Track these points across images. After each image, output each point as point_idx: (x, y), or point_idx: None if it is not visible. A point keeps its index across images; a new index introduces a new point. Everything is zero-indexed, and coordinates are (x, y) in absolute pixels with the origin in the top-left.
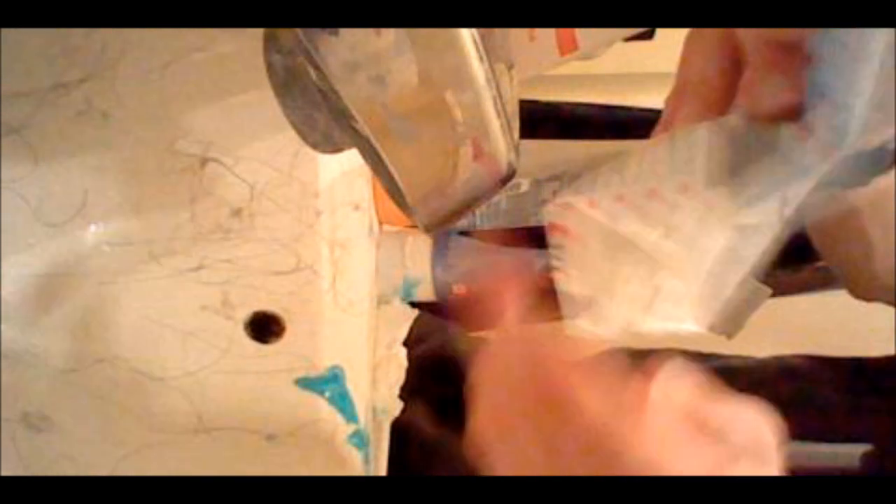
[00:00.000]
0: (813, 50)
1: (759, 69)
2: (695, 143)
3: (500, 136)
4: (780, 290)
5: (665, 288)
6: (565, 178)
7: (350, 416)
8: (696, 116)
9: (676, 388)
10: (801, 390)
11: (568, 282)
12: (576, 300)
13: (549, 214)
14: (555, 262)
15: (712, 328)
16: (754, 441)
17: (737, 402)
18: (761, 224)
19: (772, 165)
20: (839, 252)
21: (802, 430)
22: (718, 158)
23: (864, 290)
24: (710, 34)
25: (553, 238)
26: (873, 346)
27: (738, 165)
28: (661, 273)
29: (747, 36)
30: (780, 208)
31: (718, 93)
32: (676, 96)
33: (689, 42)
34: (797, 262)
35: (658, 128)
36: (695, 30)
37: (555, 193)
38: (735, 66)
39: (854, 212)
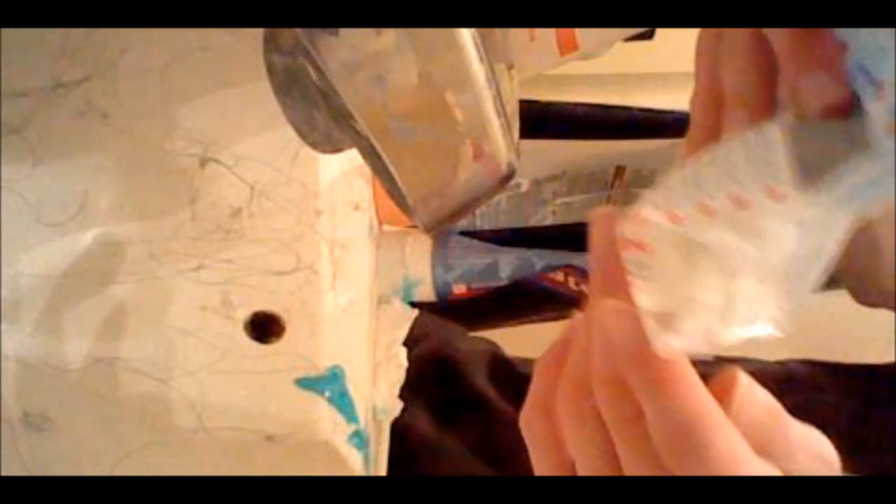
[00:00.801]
0: (845, 37)
1: (795, 70)
2: (770, 146)
3: (500, 136)
4: None
5: (743, 293)
6: (565, 178)
7: (350, 416)
8: (746, 122)
9: (752, 403)
10: (806, 397)
11: (648, 298)
12: (656, 316)
13: (623, 229)
14: (632, 280)
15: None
16: (820, 461)
17: (800, 422)
18: (841, 222)
19: (861, 161)
20: (846, 255)
21: None
22: (800, 158)
23: (870, 296)
24: (739, 41)
25: (629, 254)
26: (872, 347)
27: (825, 164)
28: (743, 281)
29: (776, 37)
30: (866, 204)
31: (762, 97)
32: (708, 103)
33: (716, 52)
34: None
35: (694, 134)
36: (717, 37)
37: (555, 193)
38: (772, 68)
39: (866, 219)
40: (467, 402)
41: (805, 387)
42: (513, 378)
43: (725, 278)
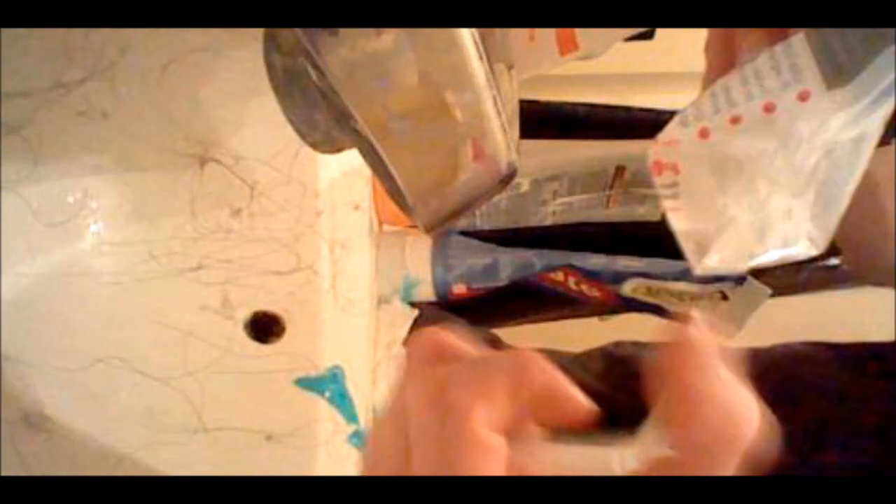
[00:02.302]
0: None
1: None
2: (797, 53)
3: (500, 136)
4: (780, 291)
5: (780, 211)
6: (565, 178)
7: (350, 416)
8: (765, 41)
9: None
10: (809, 375)
11: (683, 220)
12: (693, 238)
13: (655, 154)
14: (667, 203)
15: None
16: (729, 426)
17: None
18: (871, 131)
19: (891, 57)
20: (850, 224)
21: (812, 415)
22: (829, 59)
23: (875, 271)
24: None
25: (662, 178)
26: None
27: (855, 62)
28: (776, 196)
29: None
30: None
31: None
32: (725, 40)
33: None
34: (798, 262)
35: (710, 74)
36: None
37: (555, 193)
38: None
39: (872, 186)
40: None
41: (808, 364)
42: None
43: (758, 193)
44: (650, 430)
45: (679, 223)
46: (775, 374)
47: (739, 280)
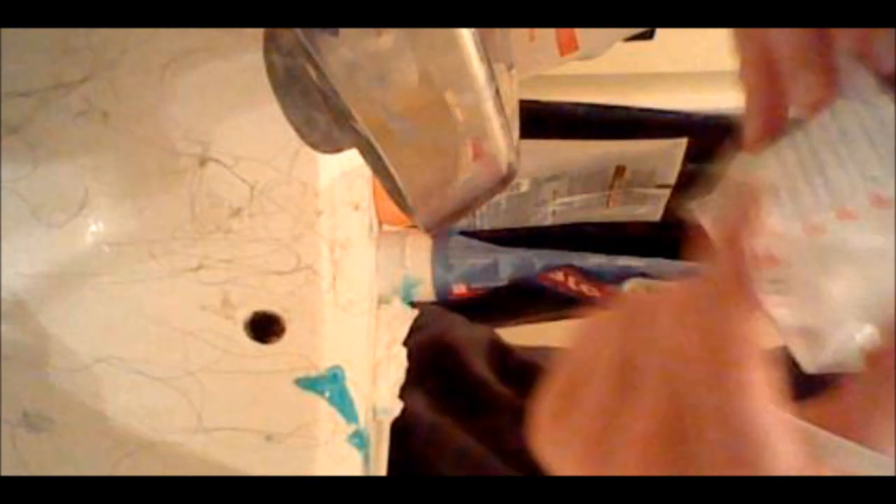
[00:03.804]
0: None
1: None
2: (887, 125)
3: (500, 136)
4: None
5: (889, 301)
6: (565, 178)
7: (350, 416)
8: (816, 87)
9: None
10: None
11: (788, 314)
12: (804, 334)
13: (757, 247)
14: (768, 298)
15: None
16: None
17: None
18: None
19: None
20: None
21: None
22: None
23: None
24: None
25: (763, 272)
26: None
27: None
28: (886, 286)
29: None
30: None
31: (825, 61)
32: (762, 70)
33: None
34: None
35: (753, 105)
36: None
37: (555, 193)
38: (826, 31)
39: None
40: (467, 387)
41: None
42: (512, 364)
43: (872, 287)
44: None
45: (786, 319)
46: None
47: None
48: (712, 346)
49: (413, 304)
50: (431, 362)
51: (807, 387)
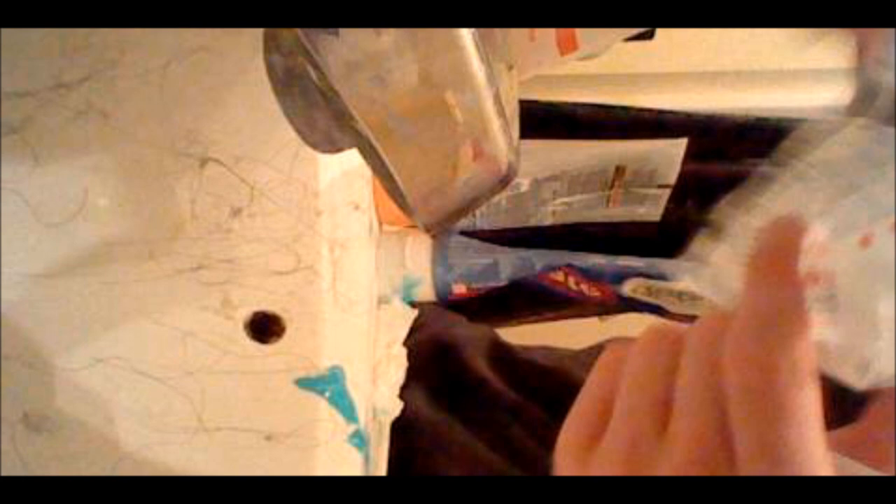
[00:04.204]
0: None
1: None
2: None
3: (500, 136)
4: None
5: None
6: (565, 178)
7: (350, 416)
8: None
9: None
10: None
11: (835, 334)
12: (854, 353)
13: (806, 264)
14: (821, 317)
15: None
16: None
17: None
18: None
19: None
20: None
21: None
22: None
23: None
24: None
25: (816, 290)
26: None
27: None
28: None
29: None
30: None
31: None
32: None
33: None
34: None
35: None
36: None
37: (555, 193)
38: None
39: None
40: (467, 385)
41: None
42: (512, 362)
43: None
44: None
45: (835, 338)
46: None
47: None
48: (762, 374)
49: (413, 304)
50: (431, 361)
51: (837, 413)
